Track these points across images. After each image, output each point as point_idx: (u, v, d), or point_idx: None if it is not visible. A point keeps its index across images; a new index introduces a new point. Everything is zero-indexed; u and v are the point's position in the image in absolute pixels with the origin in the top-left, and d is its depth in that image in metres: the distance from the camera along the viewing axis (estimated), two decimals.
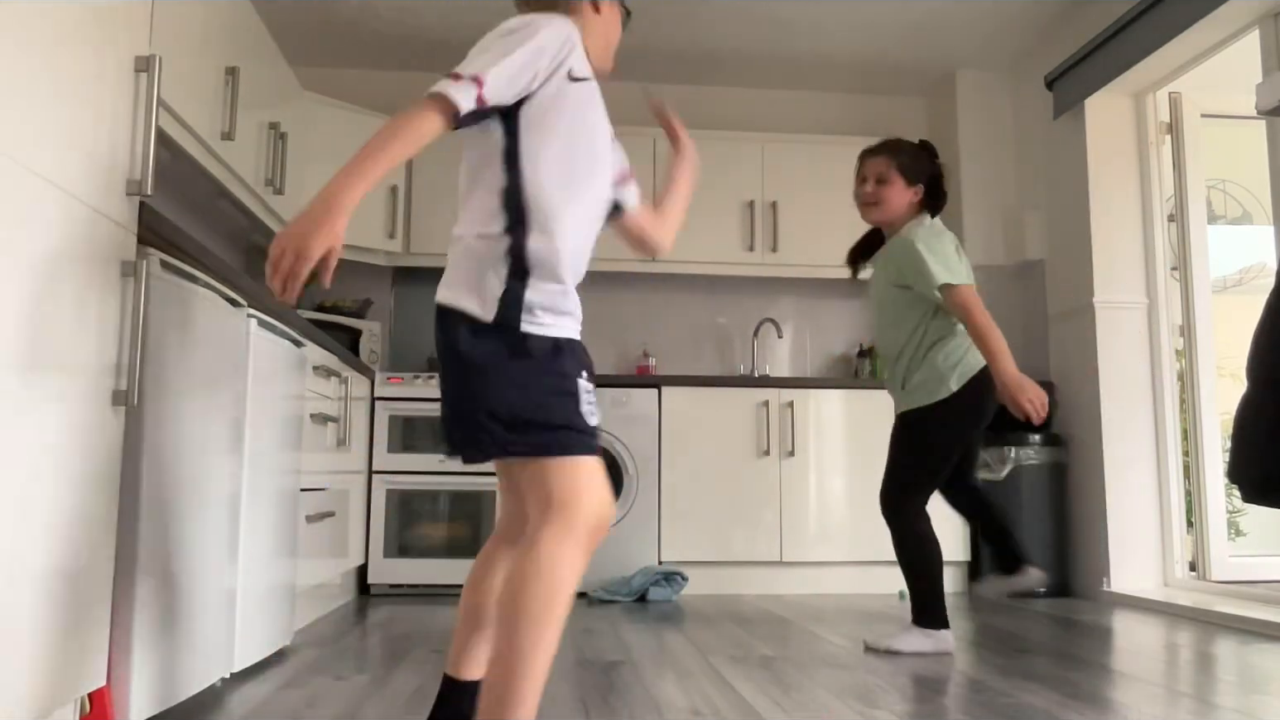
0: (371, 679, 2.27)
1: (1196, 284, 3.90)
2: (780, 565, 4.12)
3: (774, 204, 4.57)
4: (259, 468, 2.29)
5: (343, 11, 4.22)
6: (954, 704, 2.05)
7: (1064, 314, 4.22)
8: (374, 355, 4.24)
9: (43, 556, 1.40)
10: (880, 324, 2.81)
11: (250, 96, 3.23)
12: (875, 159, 2.77)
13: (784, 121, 4.98)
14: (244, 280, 2.14)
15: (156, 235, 1.72)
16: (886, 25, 4.31)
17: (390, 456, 3.98)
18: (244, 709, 1.98)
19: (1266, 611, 3.18)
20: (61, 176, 1.44)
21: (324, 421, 3.07)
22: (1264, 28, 3.29)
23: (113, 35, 1.60)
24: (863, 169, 2.79)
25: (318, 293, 4.47)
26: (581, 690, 2.17)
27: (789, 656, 2.61)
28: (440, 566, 3.95)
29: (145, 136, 1.68)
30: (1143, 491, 3.90)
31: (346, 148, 4.74)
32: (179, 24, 2.63)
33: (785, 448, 4.16)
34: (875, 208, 2.75)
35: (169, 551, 1.78)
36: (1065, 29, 4.24)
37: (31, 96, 1.36)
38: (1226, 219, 4.69)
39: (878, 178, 2.74)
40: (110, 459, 1.59)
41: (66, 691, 1.48)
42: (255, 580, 2.28)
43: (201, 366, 1.92)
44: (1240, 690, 2.21)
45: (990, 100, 4.77)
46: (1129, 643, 2.86)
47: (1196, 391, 3.84)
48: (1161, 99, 4.05)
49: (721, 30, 4.38)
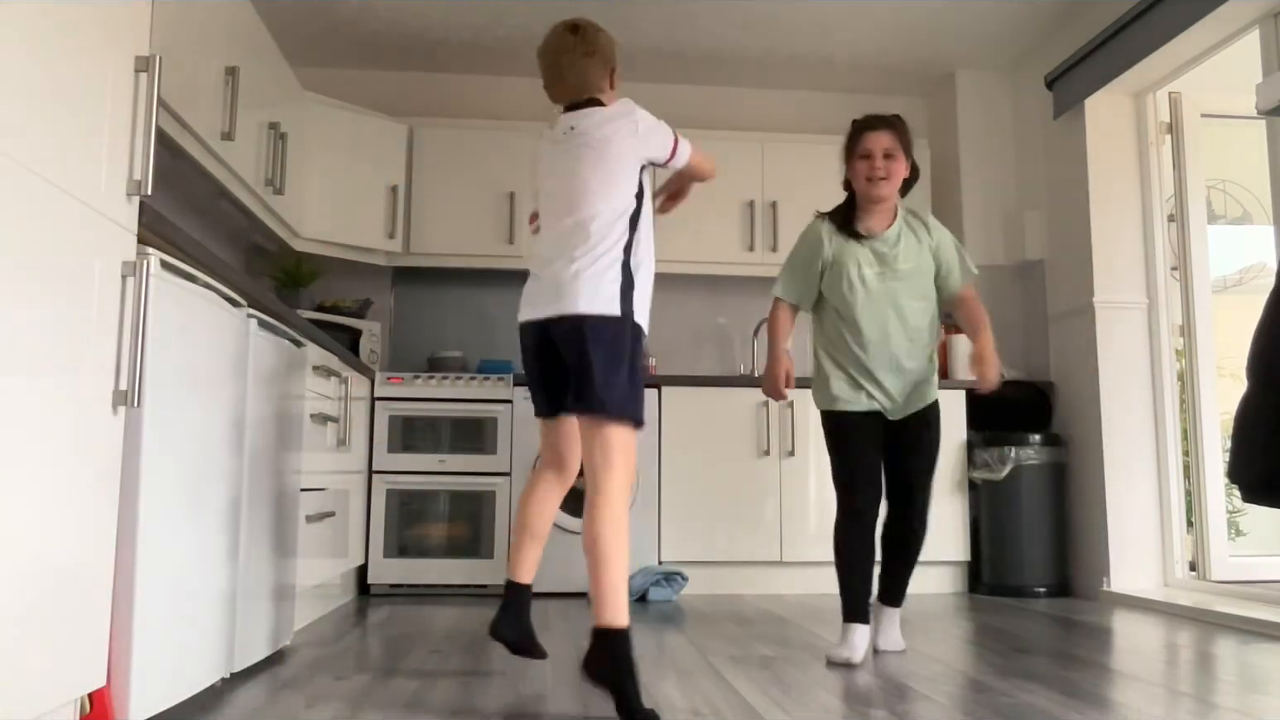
0: (371, 679, 2.27)
1: (1196, 284, 3.90)
2: (780, 565, 4.12)
3: (774, 204, 4.57)
4: (259, 468, 2.29)
5: (343, 11, 4.22)
6: (954, 704, 2.05)
7: (1064, 314, 4.22)
8: (374, 355, 4.24)
9: (43, 556, 1.40)
10: (893, 311, 2.63)
11: (250, 96, 3.23)
12: (880, 134, 2.66)
13: (784, 121, 4.98)
14: (244, 280, 2.14)
15: (156, 235, 1.72)
16: (886, 25, 4.31)
17: (390, 456, 3.98)
18: (244, 709, 1.98)
19: (1266, 611, 3.18)
20: (61, 176, 1.44)
21: (324, 421, 3.07)
22: (1264, 28, 3.29)
23: (113, 35, 1.60)
24: (867, 143, 2.66)
25: (317, 293, 4.47)
26: (582, 690, 2.17)
27: (789, 656, 2.61)
28: (440, 566, 3.95)
29: (145, 136, 1.68)
30: (1143, 491, 3.90)
31: (346, 148, 4.75)
32: (179, 24, 2.63)
33: (785, 448, 4.16)
34: (886, 183, 2.64)
35: (169, 551, 1.78)
36: (1065, 29, 4.24)
37: (31, 96, 1.36)
38: (1226, 219, 4.69)
39: (886, 153, 2.64)
40: (110, 459, 1.59)
41: (66, 691, 1.48)
42: (255, 580, 2.28)
43: (201, 366, 1.92)
44: (1240, 690, 2.21)
45: (990, 100, 4.77)
46: (1129, 643, 2.86)
47: (1196, 391, 3.84)
48: (1161, 99, 4.05)
49: (722, 30, 4.37)
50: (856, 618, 2.58)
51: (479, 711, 1.96)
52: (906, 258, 2.66)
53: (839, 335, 2.66)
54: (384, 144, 4.33)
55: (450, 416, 4.02)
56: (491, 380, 4.06)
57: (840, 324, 2.66)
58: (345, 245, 4.24)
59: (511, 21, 4.26)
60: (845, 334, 2.64)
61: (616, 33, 4.37)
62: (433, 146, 4.45)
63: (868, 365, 2.62)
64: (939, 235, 2.72)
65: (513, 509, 3.99)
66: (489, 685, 2.21)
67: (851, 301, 2.63)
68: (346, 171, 4.21)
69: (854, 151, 2.69)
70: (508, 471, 4.01)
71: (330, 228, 4.16)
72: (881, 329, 2.62)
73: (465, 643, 2.79)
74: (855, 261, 2.64)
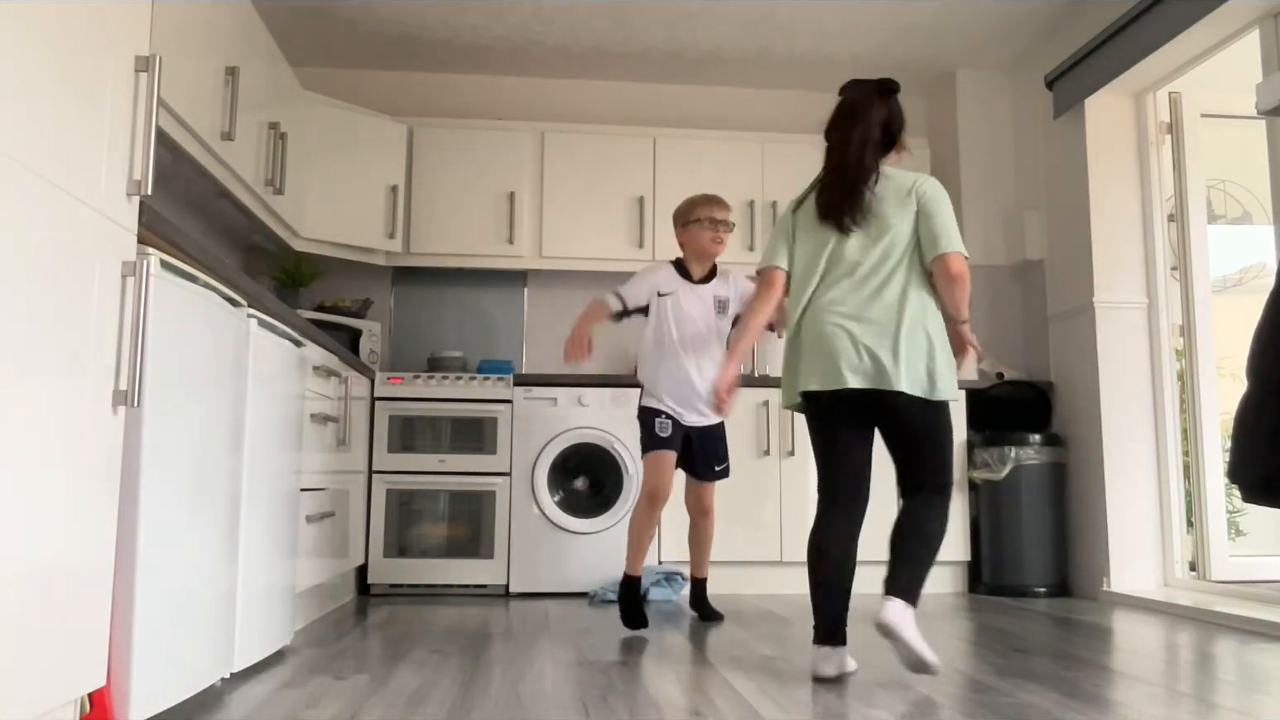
0: (371, 679, 2.27)
1: (1196, 284, 3.90)
2: (780, 565, 4.12)
3: (774, 204, 4.57)
4: (259, 468, 2.29)
5: (343, 11, 4.22)
6: (954, 704, 2.05)
7: (1064, 314, 4.22)
8: (374, 355, 4.24)
9: (43, 556, 1.40)
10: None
11: (250, 96, 3.23)
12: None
13: (784, 121, 4.98)
14: (244, 280, 2.15)
15: (156, 235, 1.72)
16: (886, 25, 4.31)
17: (390, 456, 3.98)
18: (244, 709, 1.98)
19: (1266, 611, 3.18)
20: (62, 176, 1.44)
21: (324, 421, 3.07)
22: (1264, 28, 3.29)
23: (113, 35, 1.60)
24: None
25: (317, 293, 4.47)
26: (582, 690, 2.17)
27: (789, 656, 2.61)
28: (440, 566, 3.95)
29: (145, 136, 1.68)
30: (1143, 491, 3.90)
31: (346, 148, 4.75)
32: (179, 24, 2.63)
33: (785, 448, 4.16)
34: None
35: (169, 551, 1.78)
36: (1065, 29, 4.24)
37: (31, 96, 1.36)
38: (1226, 219, 4.69)
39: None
40: (110, 459, 1.59)
41: (66, 691, 1.48)
42: (255, 580, 2.28)
43: (201, 366, 1.92)
44: (1240, 690, 2.21)
45: (990, 100, 4.76)
46: (1129, 643, 2.86)
47: (1196, 391, 3.83)
48: (1161, 99, 4.05)
49: (722, 30, 4.37)
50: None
51: (479, 711, 1.96)
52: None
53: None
54: (384, 144, 4.33)
55: (450, 416, 4.02)
56: (491, 380, 4.06)
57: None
58: (345, 245, 4.24)
59: (511, 21, 4.26)
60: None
61: (617, 32, 4.39)
62: (432, 146, 4.45)
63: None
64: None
65: (513, 509, 3.99)
66: (489, 685, 2.21)
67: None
68: (346, 171, 4.21)
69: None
70: (508, 471, 4.01)
71: (330, 228, 4.16)
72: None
73: (465, 643, 2.79)
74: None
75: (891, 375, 2.30)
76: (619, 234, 4.50)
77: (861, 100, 2.48)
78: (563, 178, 4.50)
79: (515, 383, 4.07)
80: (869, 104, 2.47)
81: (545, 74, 4.82)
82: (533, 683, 2.24)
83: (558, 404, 4.06)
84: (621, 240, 4.49)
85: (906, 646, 2.18)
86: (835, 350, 2.35)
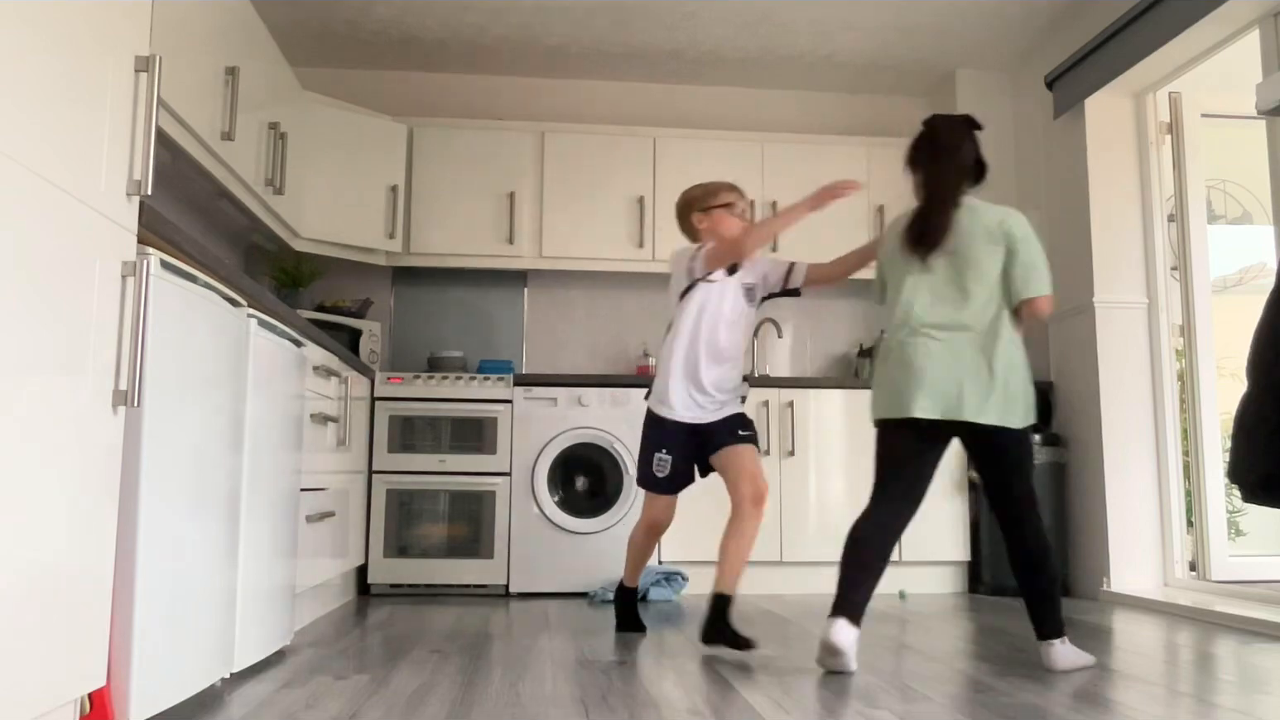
0: (371, 679, 2.27)
1: (1196, 284, 3.90)
2: (780, 565, 4.12)
3: (774, 204, 4.57)
4: (259, 468, 2.29)
5: (343, 11, 4.22)
6: (954, 704, 2.05)
7: (1064, 314, 4.22)
8: (374, 355, 4.24)
9: (43, 556, 1.40)
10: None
11: (250, 96, 3.23)
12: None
13: (784, 121, 4.98)
14: (244, 280, 2.14)
15: (156, 235, 1.72)
16: (886, 25, 4.31)
17: (390, 456, 3.98)
18: (244, 709, 1.98)
19: (1266, 611, 3.18)
20: (62, 176, 1.44)
21: (324, 421, 3.07)
22: (1264, 28, 3.29)
23: (113, 35, 1.60)
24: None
25: (317, 293, 4.47)
26: (582, 690, 2.17)
27: (789, 656, 2.61)
28: (440, 566, 3.95)
29: (145, 136, 1.68)
30: (1143, 491, 3.90)
31: (346, 148, 4.76)
32: (179, 24, 2.63)
33: (785, 448, 4.16)
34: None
35: (169, 551, 1.78)
36: (1065, 29, 4.24)
37: (31, 96, 1.36)
38: (1226, 219, 4.69)
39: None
40: (110, 459, 1.59)
41: (66, 691, 1.48)
42: (255, 580, 2.28)
43: (201, 366, 1.91)
44: (1240, 690, 2.21)
45: (990, 100, 4.76)
46: (1129, 643, 2.86)
47: (1196, 391, 3.84)
48: (1161, 99, 4.05)
49: (722, 30, 4.38)
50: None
51: (479, 711, 1.96)
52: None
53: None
54: (384, 144, 4.33)
55: (450, 416, 4.02)
56: (491, 380, 4.06)
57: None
58: (345, 245, 4.24)
59: (511, 21, 4.26)
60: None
61: (617, 32, 4.39)
62: (433, 146, 4.45)
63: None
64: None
65: (513, 509, 3.99)
66: (489, 685, 2.21)
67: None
68: (346, 171, 4.21)
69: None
70: (508, 471, 4.01)
71: (330, 228, 4.16)
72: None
73: (465, 643, 2.79)
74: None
75: (974, 406, 2.42)
76: (619, 234, 4.50)
77: (953, 134, 2.61)
78: (563, 178, 4.50)
79: (515, 383, 4.07)
80: (960, 138, 2.60)
81: (545, 74, 4.83)
82: (533, 683, 2.24)
83: (558, 404, 4.06)
84: (621, 240, 4.50)
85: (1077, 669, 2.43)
86: (917, 377, 2.45)
